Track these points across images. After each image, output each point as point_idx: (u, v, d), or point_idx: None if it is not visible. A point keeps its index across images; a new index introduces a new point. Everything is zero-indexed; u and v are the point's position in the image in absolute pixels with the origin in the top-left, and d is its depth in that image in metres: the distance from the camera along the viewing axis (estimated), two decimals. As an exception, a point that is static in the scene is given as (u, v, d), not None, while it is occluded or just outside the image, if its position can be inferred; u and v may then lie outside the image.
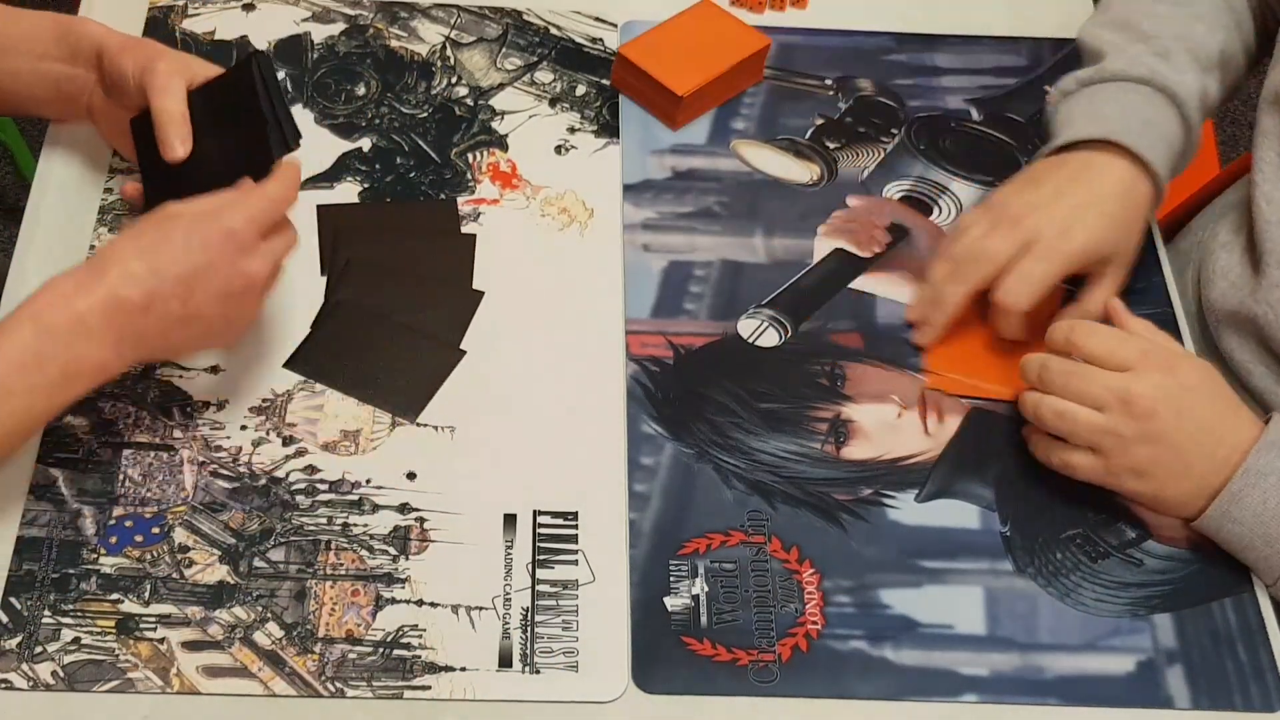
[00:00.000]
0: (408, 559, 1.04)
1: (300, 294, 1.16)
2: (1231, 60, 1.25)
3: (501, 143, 1.29)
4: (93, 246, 1.18)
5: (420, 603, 1.02)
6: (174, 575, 1.02)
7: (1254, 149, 1.21)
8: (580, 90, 1.34)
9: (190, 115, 1.08)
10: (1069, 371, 1.06)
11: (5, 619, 1.00)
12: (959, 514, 1.11)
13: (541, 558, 1.05)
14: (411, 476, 1.08)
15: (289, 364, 1.13)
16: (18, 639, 0.99)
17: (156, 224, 1.00)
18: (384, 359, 1.13)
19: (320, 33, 1.35)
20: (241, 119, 1.07)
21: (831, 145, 1.33)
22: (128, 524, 1.04)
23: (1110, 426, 1.04)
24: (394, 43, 1.36)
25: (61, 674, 0.98)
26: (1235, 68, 1.27)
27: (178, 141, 1.07)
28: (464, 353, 1.11)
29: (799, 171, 1.31)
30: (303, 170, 1.23)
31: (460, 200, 1.25)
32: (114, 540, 1.04)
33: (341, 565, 1.04)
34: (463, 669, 1.00)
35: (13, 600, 1.00)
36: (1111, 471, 1.06)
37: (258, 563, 1.03)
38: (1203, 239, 1.32)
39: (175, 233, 0.99)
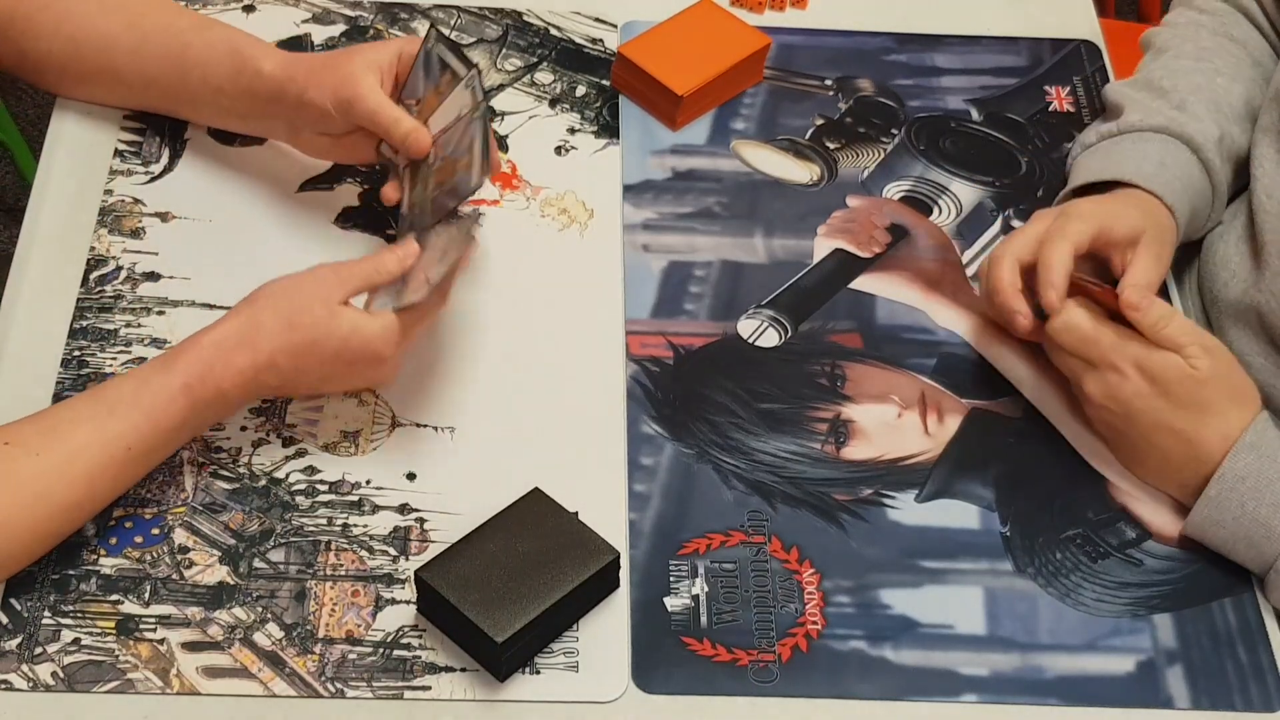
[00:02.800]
0: (408, 559, 1.04)
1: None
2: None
3: (502, 143, 1.29)
4: (92, 247, 1.18)
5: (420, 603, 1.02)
6: (174, 576, 1.02)
7: (1252, 145, 1.22)
8: (580, 91, 1.34)
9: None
10: (1118, 334, 1.08)
11: (5, 620, 1.00)
12: (959, 514, 1.10)
13: (541, 558, 1.05)
14: (411, 477, 1.08)
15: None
16: (18, 640, 0.99)
17: (316, 321, 1.03)
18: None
19: (320, 34, 1.35)
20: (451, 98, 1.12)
21: (831, 145, 1.33)
22: (128, 525, 1.04)
23: (1135, 356, 1.07)
24: (394, 43, 1.36)
25: (61, 675, 0.98)
26: None
27: (417, 142, 1.11)
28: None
29: (799, 172, 1.31)
30: (303, 170, 1.24)
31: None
32: (114, 541, 1.04)
33: (341, 566, 1.04)
34: (463, 669, 1.00)
35: (13, 601, 1.00)
36: (1106, 396, 1.08)
37: (258, 563, 1.03)
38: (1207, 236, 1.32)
39: (328, 344, 1.04)
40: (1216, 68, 1.25)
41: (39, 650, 0.98)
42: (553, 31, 1.38)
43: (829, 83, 1.37)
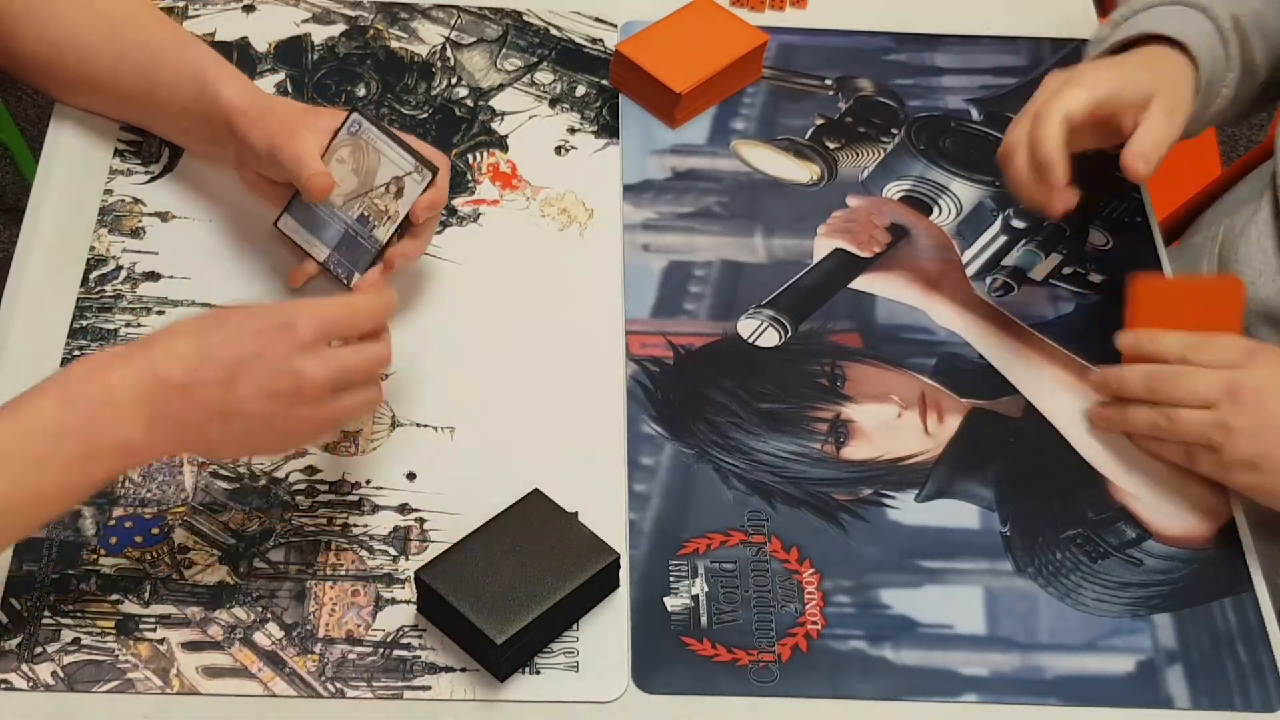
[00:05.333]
0: (408, 559, 1.04)
1: (303, 298, 1.16)
2: (1275, 30, 1.23)
3: (501, 143, 1.29)
4: (92, 247, 1.18)
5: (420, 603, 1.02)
6: (174, 576, 1.02)
7: (1279, 134, 1.21)
8: (580, 91, 1.34)
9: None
10: (1175, 373, 1.08)
11: (5, 619, 1.00)
12: (959, 514, 1.10)
13: (541, 558, 1.05)
14: (411, 477, 1.08)
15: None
16: (18, 639, 0.99)
17: (224, 310, 0.96)
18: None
19: (320, 34, 1.35)
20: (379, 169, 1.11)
21: (831, 145, 1.33)
22: (128, 524, 1.04)
23: (1218, 420, 1.06)
24: (394, 44, 1.36)
25: (61, 674, 0.98)
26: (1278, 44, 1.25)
27: (318, 184, 1.09)
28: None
29: (799, 171, 1.31)
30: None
31: (460, 201, 1.25)
32: (114, 541, 1.04)
33: (341, 566, 1.04)
34: (463, 669, 1.00)
35: (13, 600, 1.00)
36: (1225, 465, 1.07)
37: (258, 563, 1.03)
38: (1216, 233, 1.31)
39: (233, 317, 0.94)
40: None
41: (39, 650, 0.98)
42: (553, 31, 1.38)
43: (829, 82, 1.37)
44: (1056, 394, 1.16)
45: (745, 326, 1.20)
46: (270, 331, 0.94)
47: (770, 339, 1.19)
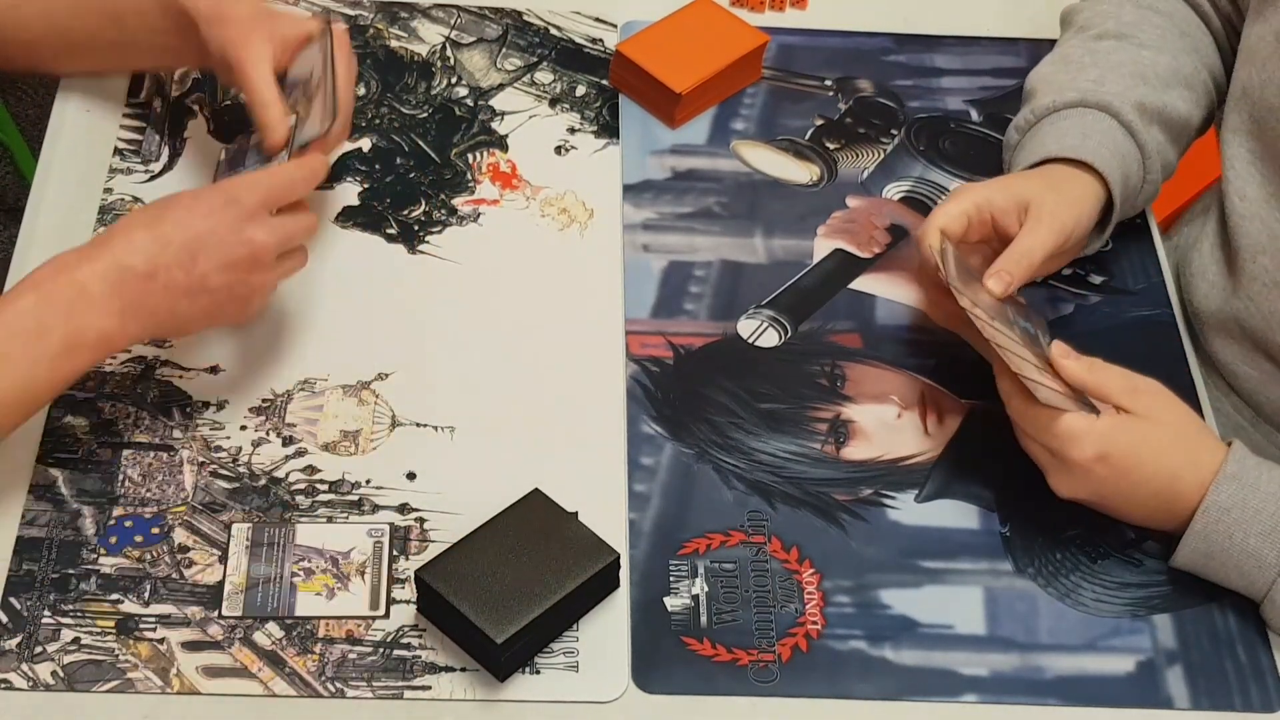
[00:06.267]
0: (408, 559, 1.04)
1: (303, 298, 1.16)
2: (1195, 76, 1.22)
3: (501, 143, 1.29)
4: (92, 246, 1.18)
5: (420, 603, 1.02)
6: (174, 575, 1.02)
7: (1222, 146, 1.21)
8: (580, 91, 1.34)
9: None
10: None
11: (5, 619, 1.00)
12: (959, 514, 1.10)
13: (541, 558, 1.05)
14: (411, 477, 1.08)
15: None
16: (17, 639, 0.99)
17: (164, 199, 1.02)
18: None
19: (320, 33, 1.35)
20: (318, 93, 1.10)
21: (831, 146, 1.33)
22: (128, 524, 1.04)
23: (1054, 464, 1.04)
24: (394, 43, 1.36)
25: (61, 674, 0.98)
26: (1202, 82, 1.23)
27: (271, 137, 1.09)
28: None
29: (799, 172, 1.31)
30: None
31: (460, 200, 1.25)
32: (114, 540, 1.04)
33: (341, 565, 1.04)
34: (463, 669, 1.00)
35: (13, 600, 1.00)
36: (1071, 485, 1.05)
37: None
38: (1179, 243, 1.32)
39: (180, 202, 1.01)
40: (1140, 42, 1.22)
41: (39, 650, 0.98)
42: (552, 31, 1.38)
43: (829, 83, 1.37)
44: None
45: (745, 326, 1.20)
46: (219, 209, 1.00)
47: (770, 339, 1.19)
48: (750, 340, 1.19)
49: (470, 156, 1.28)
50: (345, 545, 1.04)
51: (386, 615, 1.01)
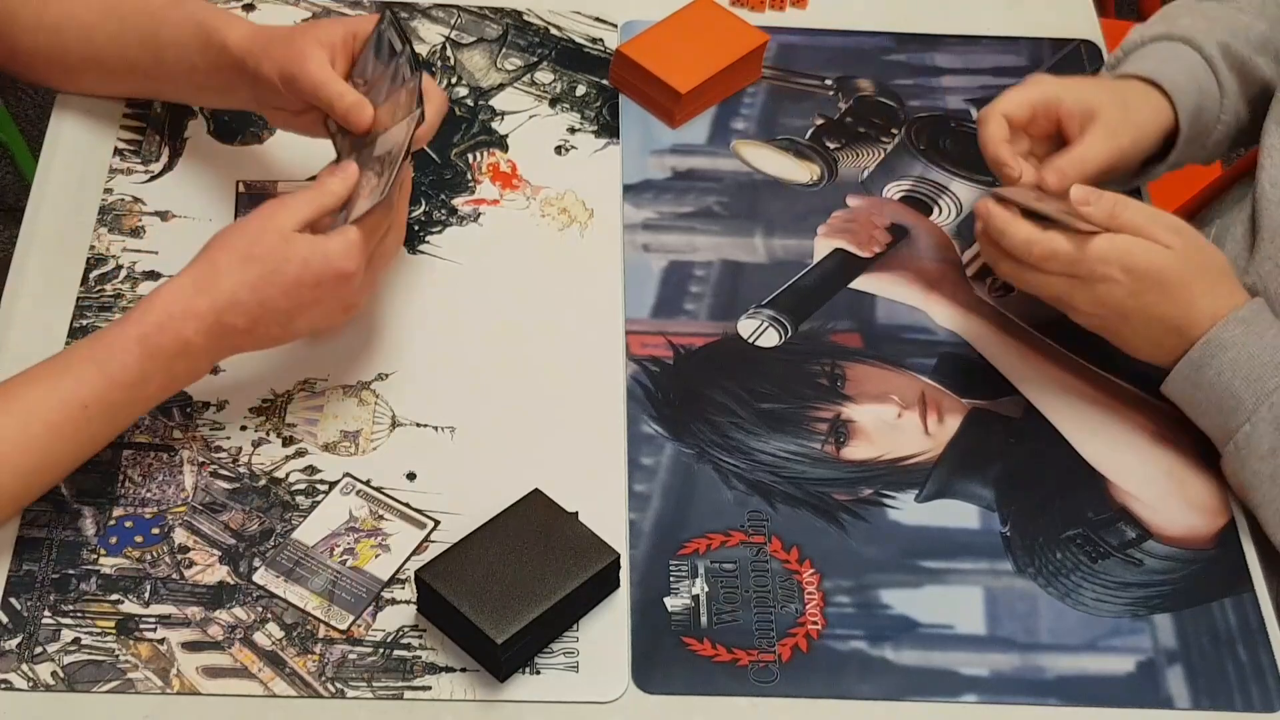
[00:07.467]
0: (408, 559, 1.04)
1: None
2: None
3: (501, 143, 1.29)
4: (92, 246, 1.18)
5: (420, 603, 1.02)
6: (174, 576, 1.02)
7: (1263, 135, 1.21)
8: (580, 90, 1.34)
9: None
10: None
11: (5, 619, 1.00)
12: (959, 514, 1.11)
13: (541, 558, 1.05)
14: (411, 477, 1.08)
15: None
16: (18, 639, 0.99)
17: (272, 249, 1.02)
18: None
19: (320, 33, 1.35)
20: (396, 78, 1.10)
21: (831, 145, 1.33)
22: (128, 524, 1.04)
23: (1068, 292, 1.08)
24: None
25: (61, 674, 0.98)
26: None
27: (359, 116, 1.09)
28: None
29: (799, 171, 1.31)
30: (303, 171, 1.24)
31: (460, 200, 1.25)
32: (114, 540, 1.04)
33: (341, 565, 1.04)
34: (463, 669, 1.00)
35: (13, 600, 1.00)
36: (1077, 300, 1.09)
37: (257, 563, 1.03)
38: (1211, 232, 1.32)
39: (289, 269, 1.01)
40: (1240, 7, 1.26)
41: (39, 650, 0.98)
42: (553, 31, 1.38)
43: (829, 83, 1.37)
44: (1056, 394, 1.16)
45: (745, 326, 1.20)
46: (328, 284, 1.03)
47: (770, 339, 1.19)
48: (750, 340, 1.19)
49: (470, 156, 1.28)
50: (342, 516, 1.05)
51: (438, 524, 1.05)
